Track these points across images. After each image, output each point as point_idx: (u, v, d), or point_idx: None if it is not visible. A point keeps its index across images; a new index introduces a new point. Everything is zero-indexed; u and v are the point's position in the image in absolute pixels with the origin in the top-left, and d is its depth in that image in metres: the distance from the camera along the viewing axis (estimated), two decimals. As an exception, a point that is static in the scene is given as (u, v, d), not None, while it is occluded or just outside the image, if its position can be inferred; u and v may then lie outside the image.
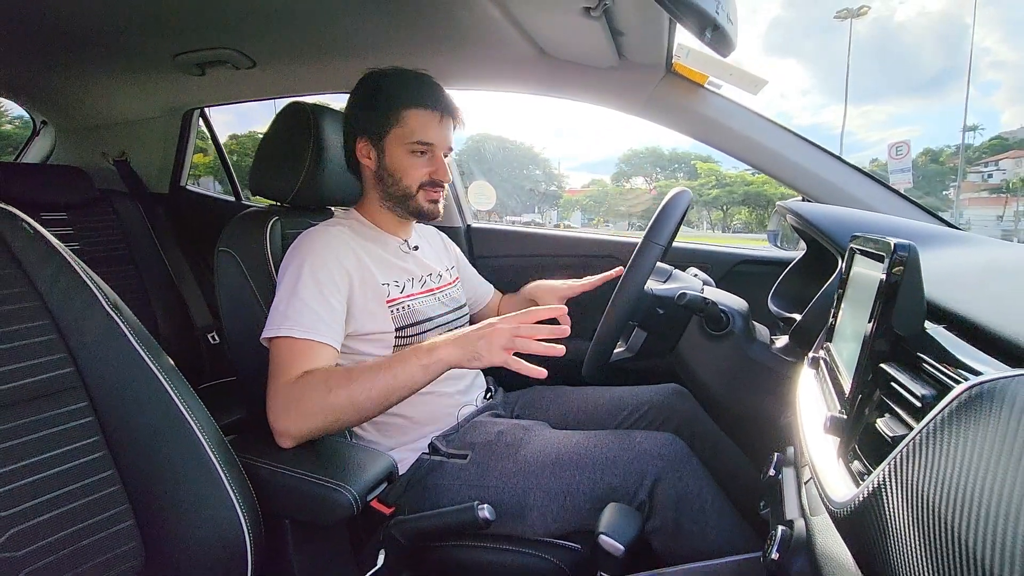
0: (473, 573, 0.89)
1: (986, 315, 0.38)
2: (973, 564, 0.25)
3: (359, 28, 1.24)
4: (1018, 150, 16.90)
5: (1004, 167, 16.40)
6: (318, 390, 0.80)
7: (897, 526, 0.32)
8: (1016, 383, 0.30)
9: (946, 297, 0.44)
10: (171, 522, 0.70)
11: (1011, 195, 16.02)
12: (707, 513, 0.83)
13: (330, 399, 0.80)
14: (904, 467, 0.33)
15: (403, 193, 1.02)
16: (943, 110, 52.59)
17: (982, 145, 17.90)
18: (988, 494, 0.26)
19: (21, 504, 0.60)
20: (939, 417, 0.32)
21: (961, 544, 0.26)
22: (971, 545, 0.25)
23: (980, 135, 19.06)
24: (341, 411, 0.80)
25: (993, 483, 0.26)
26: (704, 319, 0.88)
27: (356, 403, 0.80)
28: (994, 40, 61.57)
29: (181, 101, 1.72)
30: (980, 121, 34.60)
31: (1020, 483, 0.25)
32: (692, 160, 18.46)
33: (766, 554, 0.53)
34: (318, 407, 0.80)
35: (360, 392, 0.79)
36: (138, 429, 0.70)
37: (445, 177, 1.03)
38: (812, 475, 0.53)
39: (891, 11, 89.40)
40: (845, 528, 0.40)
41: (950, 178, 17.16)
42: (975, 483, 0.27)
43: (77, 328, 0.69)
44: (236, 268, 1.01)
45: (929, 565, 0.28)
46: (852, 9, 20.56)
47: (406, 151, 1.00)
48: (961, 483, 0.28)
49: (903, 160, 3.59)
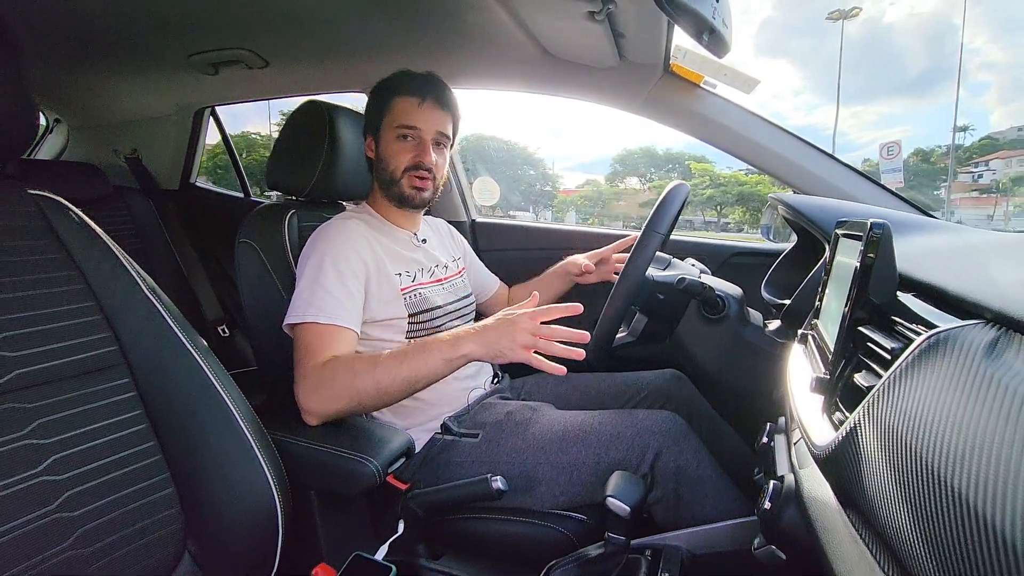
0: (485, 543, 0.95)
1: (943, 280, 0.44)
2: (932, 478, 0.30)
3: (369, 29, 1.29)
4: (1008, 150, 17.06)
5: (994, 167, 16.55)
6: (345, 375, 0.86)
7: (869, 457, 0.38)
8: (964, 331, 0.35)
9: (915, 270, 0.50)
10: (208, 491, 0.75)
11: (1001, 195, 16.20)
12: (705, 483, 0.89)
13: (356, 383, 0.85)
14: (874, 408, 0.39)
15: (390, 178, 1.08)
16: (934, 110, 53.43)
17: (972, 145, 18.04)
18: (944, 421, 0.32)
19: (74, 469, 0.65)
20: (903, 364, 0.38)
21: (922, 463, 0.32)
22: (931, 463, 0.31)
23: (971, 135, 19.20)
24: (365, 395, 0.86)
25: (947, 411, 0.32)
26: (701, 303, 0.94)
27: (380, 389, 0.85)
28: (983, 40, 62.32)
29: (193, 99, 1.77)
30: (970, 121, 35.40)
31: (969, 409, 0.31)
32: (686, 160, 18.42)
33: (759, 505, 0.59)
34: (344, 391, 0.86)
35: (385, 379, 0.85)
36: (176, 404, 0.76)
37: (426, 159, 1.06)
38: (800, 431, 0.59)
39: (881, 12, 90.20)
40: (827, 469, 0.46)
41: (941, 178, 17.30)
42: (933, 413, 0.33)
43: (120, 310, 0.74)
44: (257, 258, 1.06)
45: (895, 484, 0.34)
46: (844, 10, 20.70)
47: (393, 136, 1.06)
48: (922, 414, 0.34)
49: (894, 160, 3.66)
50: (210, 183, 2.16)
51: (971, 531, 0.26)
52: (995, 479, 0.26)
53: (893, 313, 0.47)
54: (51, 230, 0.72)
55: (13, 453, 0.61)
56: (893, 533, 0.34)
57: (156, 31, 1.34)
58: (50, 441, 0.64)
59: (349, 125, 1.14)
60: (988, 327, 0.35)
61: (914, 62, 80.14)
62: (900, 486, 0.33)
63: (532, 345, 0.82)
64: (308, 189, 1.12)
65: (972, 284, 0.41)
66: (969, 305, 0.39)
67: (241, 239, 1.07)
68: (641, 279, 0.89)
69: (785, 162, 1.21)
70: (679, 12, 0.59)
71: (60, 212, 0.73)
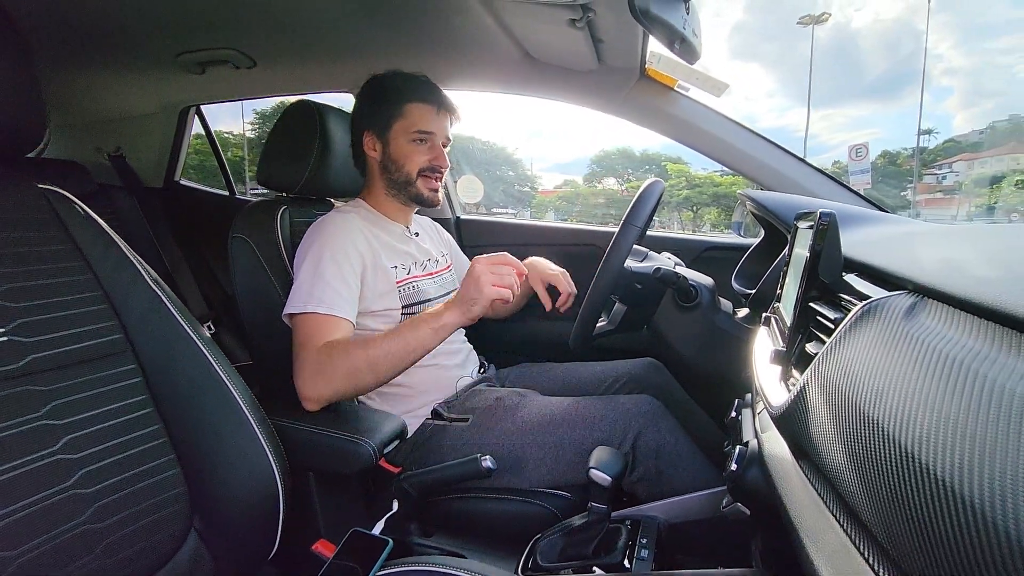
0: (475, 521, 1.00)
1: (879, 260, 0.51)
2: (864, 420, 0.37)
3: (358, 31, 1.33)
4: (970, 153, 17.71)
5: (957, 169, 17.19)
6: (340, 357, 0.90)
7: (815, 410, 0.44)
8: (889, 300, 0.42)
9: (858, 253, 0.56)
10: (212, 471, 0.79)
11: (963, 196, 16.85)
12: (682, 459, 0.96)
13: (351, 363, 0.90)
14: (819, 368, 0.45)
15: (405, 179, 1.13)
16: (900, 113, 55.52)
17: (936, 148, 18.71)
18: (873, 372, 0.38)
19: (88, 449, 0.69)
20: (843, 330, 0.45)
21: (857, 409, 0.38)
22: (864, 408, 0.37)
23: (935, 138, 19.87)
24: (360, 374, 0.90)
25: (876, 365, 0.39)
26: (676, 292, 1.01)
27: (374, 365, 0.90)
28: (946, 47, 64.63)
29: (179, 98, 1.78)
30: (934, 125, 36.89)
31: (893, 361, 0.37)
32: (663, 161, 18.63)
33: (726, 468, 0.65)
34: (340, 372, 0.90)
35: (378, 355, 0.90)
36: (180, 389, 0.79)
37: (443, 163, 1.14)
38: (762, 399, 0.66)
39: (848, 18, 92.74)
40: (782, 425, 0.52)
41: (907, 179, 17.91)
42: (865, 367, 0.39)
43: (125, 300, 0.78)
44: (250, 253, 1.09)
45: (835, 430, 0.40)
46: (814, 15, 21.32)
47: (408, 140, 1.11)
48: (856, 369, 0.40)
49: (862, 162, 3.81)
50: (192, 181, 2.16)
51: (893, 461, 0.32)
52: (914, 417, 0.32)
53: (839, 290, 0.54)
54: (60, 223, 0.75)
55: (32, 432, 0.64)
56: (834, 472, 0.40)
57: (144, 31, 1.36)
58: (64, 422, 0.67)
59: (339, 124, 1.18)
60: (908, 295, 0.42)
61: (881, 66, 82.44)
62: (839, 431, 0.40)
63: (497, 282, 0.88)
64: (299, 186, 1.15)
65: (899, 262, 0.48)
66: (896, 279, 0.46)
67: (235, 235, 1.10)
68: (620, 270, 0.95)
69: (753, 161, 1.29)
70: (652, 22, 0.66)
71: (67, 206, 0.77)
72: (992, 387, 0.28)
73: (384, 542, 0.81)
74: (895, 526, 0.31)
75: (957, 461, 0.27)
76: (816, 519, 0.44)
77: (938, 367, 0.33)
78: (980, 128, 24.42)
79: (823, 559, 0.40)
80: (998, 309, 0.32)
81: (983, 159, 16.87)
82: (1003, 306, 0.32)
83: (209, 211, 1.98)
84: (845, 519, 0.40)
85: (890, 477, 0.32)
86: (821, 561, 0.40)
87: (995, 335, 0.32)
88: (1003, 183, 11.96)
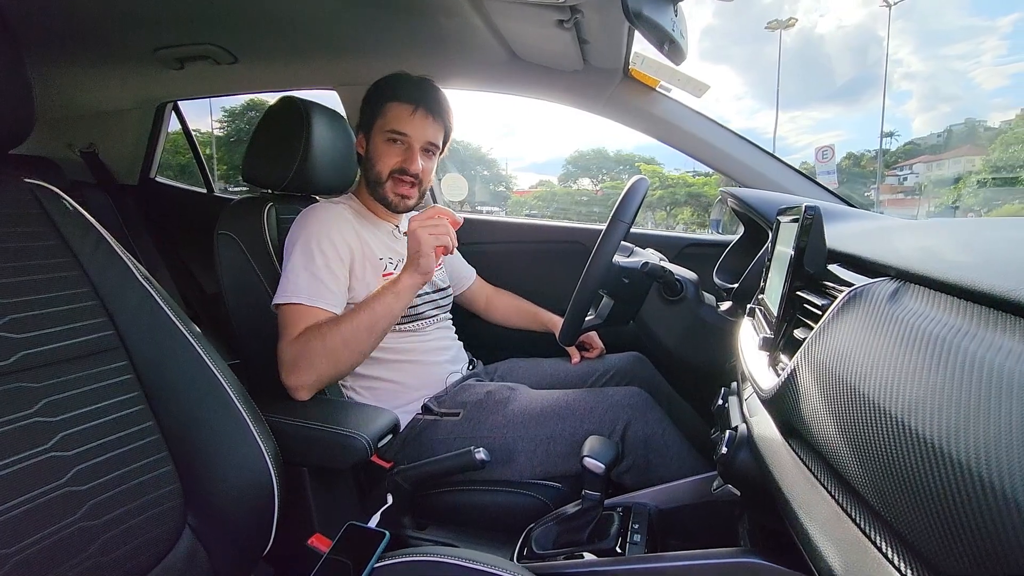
0: (468, 513, 1.01)
1: (860, 250, 0.54)
2: (855, 395, 0.39)
3: (342, 28, 1.32)
4: (929, 155, 18.46)
5: (917, 170, 17.91)
6: (315, 340, 0.92)
7: (806, 390, 0.47)
8: (873, 285, 0.45)
9: (840, 245, 0.60)
10: (206, 468, 0.78)
11: (924, 196, 17.54)
12: (670, 448, 0.99)
13: (327, 342, 0.92)
14: (809, 352, 0.48)
15: (375, 179, 1.14)
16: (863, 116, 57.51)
17: (898, 150, 19.47)
18: (862, 352, 0.41)
19: (81, 446, 0.68)
20: (830, 315, 0.48)
21: (847, 386, 0.41)
22: (854, 384, 0.40)
23: (896, 141, 20.62)
24: (337, 352, 0.93)
25: (864, 345, 0.41)
26: (662, 286, 1.04)
27: (348, 340, 0.93)
28: (906, 52, 67.18)
29: (156, 94, 1.75)
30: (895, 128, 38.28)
31: (880, 341, 0.40)
32: (636, 162, 18.88)
33: (717, 452, 0.68)
34: (319, 354, 0.92)
35: (348, 329, 0.93)
36: (173, 386, 0.79)
37: (412, 166, 1.11)
38: (750, 384, 0.69)
39: (813, 24, 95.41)
40: (772, 407, 0.55)
41: (871, 181, 18.59)
42: (854, 348, 0.42)
43: (115, 296, 0.77)
44: (237, 249, 1.09)
45: (826, 407, 0.43)
46: (781, 20, 21.88)
47: (383, 139, 1.12)
48: (845, 350, 0.43)
49: (828, 163, 3.95)
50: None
51: (886, 430, 0.35)
52: (903, 389, 0.35)
53: (824, 279, 0.57)
54: (48, 218, 0.74)
55: (25, 429, 0.63)
56: (826, 446, 0.43)
57: (122, 24, 1.33)
58: (57, 419, 0.66)
59: (325, 121, 1.18)
60: (891, 281, 0.45)
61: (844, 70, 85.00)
62: (830, 407, 0.42)
63: (434, 235, 0.94)
64: (285, 182, 1.15)
65: (880, 252, 0.51)
66: (878, 267, 0.49)
67: (220, 231, 1.10)
68: (609, 265, 0.97)
69: (732, 160, 1.33)
70: (643, 24, 0.68)
71: (55, 201, 0.76)
72: (974, 359, 0.31)
73: (381, 534, 0.82)
74: (888, 489, 0.34)
75: (945, 426, 0.30)
76: (807, 492, 0.46)
77: (923, 343, 0.35)
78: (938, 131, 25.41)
79: (816, 528, 0.42)
80: (975, 289, 0.35)
81: (941, 161, 17.60)
82: (979, 286, 0.35)
83: (186, 209, 1.94)
84: (836, 489, 0.42)
85: (882, 444, 0.35)
86: (815, 529, 0.42)
87: (973, 313, 0.35)
88: (960, 184, 12.49)
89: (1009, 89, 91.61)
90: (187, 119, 1.92)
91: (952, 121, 50.79)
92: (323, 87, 1.54)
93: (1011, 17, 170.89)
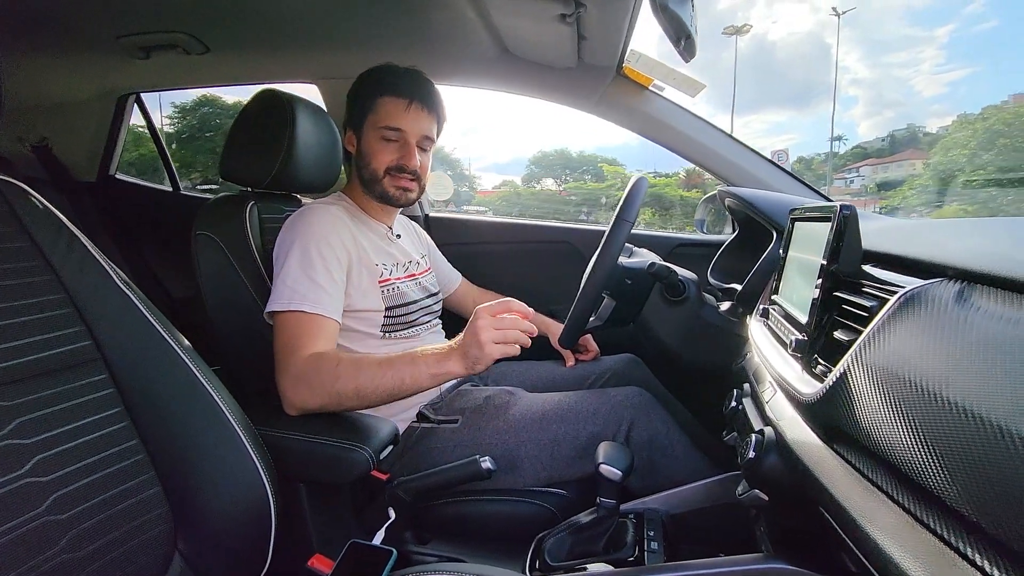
0: (471, 524, 0.98)
1: (899, 249, 0.53)
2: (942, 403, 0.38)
3: (324, 19, 1.26)
4: (875, 158, 19.42)
5: (863, 173, 18.82)
6: (328, 375, 0.85)
7: (862, 395, 0.46)
8: (931, 287, 0.44)
9: (873, 244, 0.59)
10: (197, 488, 0.72)
11: (869, 198, 18.43)
12: (674, 448, 0.98)
13: (337, 387, 0.85)
14: (863, 355, 0.47)
15: (371, 176, 1.08)
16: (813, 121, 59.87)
17: (846, 153, 20.42)
18: (933, 355, 0.40)
19: (59, 470, 0.61)
20: (883, 317, 0.46)
21: (928, 392, 0.39)
22: (937, 391, 0.38)
23: (844, 144, 21.59)
24: (345, 399, 0.86)
25: (934, 348, 0.40)
26: (665, 287, 1.02)
27: (361, 395, 0.85)
28: (853, 60, 70.42)
29: (118, 85, 1.63)
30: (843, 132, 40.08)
31: (951, 343, 0.39)
32: (599, 163, 19.13)
33: (743, 457, 0.67)
34: (326, 390, 0.85)
35: (367, 386, 0.84)
36: (159, 401, 0.72)
37: (410, 163, 1.07)
38: (778, 388, 0.68)
39: (766, 30, 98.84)
40: (813, 413, 0.54)
41: (821, 183, 19.41)
42: (923, 350, 0.41)
43: (92, 302, 0.70)
44: (218, 250, 1.02)
45: (892, 411, 0.42)
46: (737, 26, 22.57)
47: (377, 136, 1.06)
48: (912, 353, 0.42)
49: (783, 166, 4.13)
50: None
51: (983, 436, 0.34)
52: (1001, 393, 0.34)
53: (861, 278, 0.56)
54: (15, 217, 0.67)
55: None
56: (892, 452, 0.41)
57: (81, 8, 1.23)
58: (32, 441, 0.60)
59: (309, 116, 1.12)
60: (951, 283, 0.44)
61: (796, 76, 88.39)
62: (900, 413, 0.41)
63: (500, 339, 0.82)
64: (267, 180, 1.09)
65: (926, 251, 0.50)
66: (928, 267, 0.48)
67: (199, 232, 1.02)
68: (614, 266, 0.95)
69: (723, 160, 1.34)
70: (667, 16, 0.66)
71: (24, 199, 0.68)
72: None
73: (387, 552, 0.77)
74: (987, 497, 0.33)
75: None
76: (866, 500, 0.45)
77: (1013, 346, 0.34)
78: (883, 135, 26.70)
79: (886, 537, 0.41)
80: None
81: (885, 164, 18.51)
82: None
83: (150, 208, 1.83)
84: (905, 497, 0.41)
85: (979, 451, 0.33)
86: (884, 538, 0.41)
87: None
88: (904, 186, 13.17)
89: (946, 96, 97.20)
90: (135, 116, 1.78)
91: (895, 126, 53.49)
92: (302, 81, 1.47)
93: (947, 28, 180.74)
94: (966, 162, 12.64)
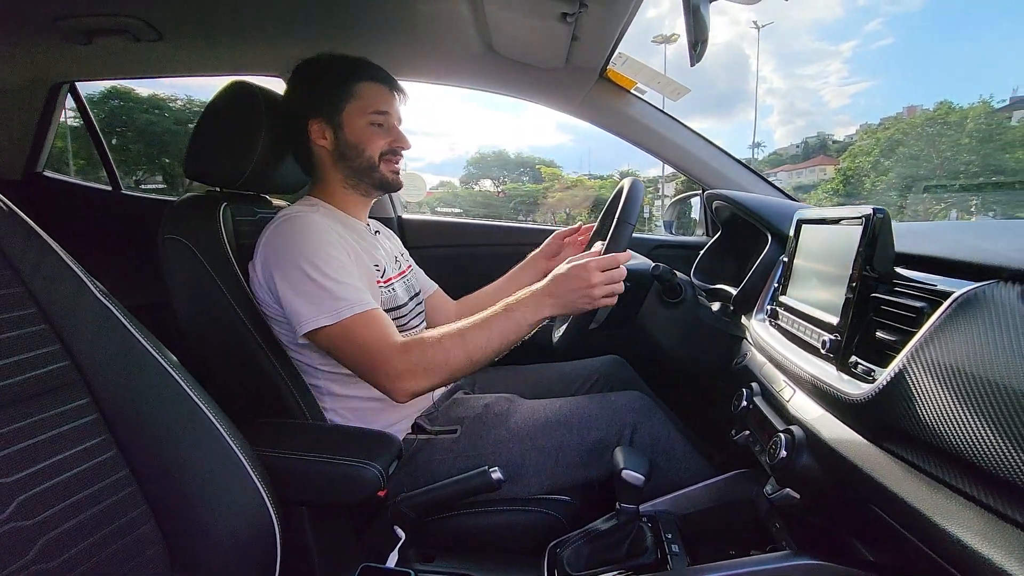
0: (475, 537, 0.94)
1: (934, 251, 0.56)
2: (1008, 392, 0.39)
3: (294, 7, 1.18)
4: (790, 164, 20.83)
5: (780, 178, 20.19)
6: (438, 354, 0.85)
7: (927, 393, 0.47)
8: (990, 289, 0.46)
9: (905, 247, 0.61)
10: (196, 518, 0.65)
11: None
12: (676, 449, 0.98)
13: (451, 362, 0.85)
14: (922, 354, 0.48)
15: (367, 164, 1.03)
16: (733, 128, 63.49)
17: (764, 159, 21.81)
18: (1008, 354, 0.41)
19: (45, 512, 0.53)
20: (940, 317, 0.48)
21: (994, 385, 0.40)
22: (1003, 382, 0.40)
23: (763, 151, 23.03)
24: (459, 371, 0.86)
25: (1008, 347, 0.41)
26: (664, 289, 1.03)
27: (473, 361, 0.87)
28: (768, 70, 75.31)
29: (51, 72, 1.45)
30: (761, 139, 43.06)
31: (1009, 339, 0.41)
32: (536, 164, 19.34)
33: (773, 456, 0.68)
34: (441, 369, 0.85)
35: (476, 352, 0.86)
36: (149, 425, 0.65)
37: (405, 144, 1.05)
38: (798, 389, 0.69)
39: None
40: (864, 414, 0.55)
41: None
42: (996, 349, 0.42)
43: (69, 318, 0.62)
44: (190, 256, 0.93)
45: (964, 406, 0.43)
46: (666, 35, 23.57)
47: (366, 122, 1.01)
48: (981, 351, 0.43)
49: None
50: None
51: None
52: None
53: (894, 279, 0.58)
54: None
55: None
56: (972, 449, 0.42)
57: None
58: (13, 479, 0.52)
59: (282, 111, 1.04)
60: (1010, 284, 0.45)
61: (716, 85, 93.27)
62: (979, 412, 0.41)
63: (608, 293, 0.89)
64: (240, 181, 1.01)
65: (967, 253, 0.52)
66: (977, 268, 0.50)
67: (168, 236, 0.93)
68: None
69: (699, 162, 1.37)
70: (696, 18, 0.66)
71: None
72: None
73: (404, 575, 0.73)
74: None
75: None
76: (937, 499, 0.46)
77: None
78: (797, 142, 28.64)
79: (974, 537, 0.42)
80: None
81: (799, 170, 19.89)
82: None
83: (86, 209, 1.66)
84: (984, 492, 0.42)
85: None
86: (973, 539, 0.42)
87: None
88: (817, 191, 14.20)
89: (849, 107, 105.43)
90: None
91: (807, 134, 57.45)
92: (268, 74, 1.37)
93: (850, 43, 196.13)
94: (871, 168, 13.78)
